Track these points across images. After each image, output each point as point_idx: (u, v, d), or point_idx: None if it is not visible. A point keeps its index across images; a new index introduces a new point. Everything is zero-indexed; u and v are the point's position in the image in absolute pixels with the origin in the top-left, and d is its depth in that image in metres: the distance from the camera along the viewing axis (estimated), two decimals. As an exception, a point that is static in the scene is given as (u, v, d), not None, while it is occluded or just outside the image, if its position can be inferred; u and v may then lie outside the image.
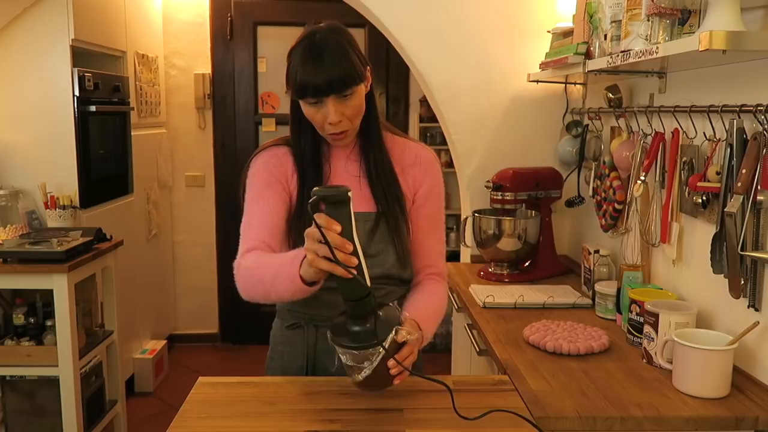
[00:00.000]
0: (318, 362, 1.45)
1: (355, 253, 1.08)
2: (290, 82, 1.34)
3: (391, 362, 1.15)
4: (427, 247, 1.48)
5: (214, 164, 4.15)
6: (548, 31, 2.47)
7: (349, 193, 1.08)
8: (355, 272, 1.07)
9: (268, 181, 1.42)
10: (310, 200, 1.08)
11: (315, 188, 1.09)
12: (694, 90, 1.73)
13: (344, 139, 1.39)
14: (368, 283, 1.12)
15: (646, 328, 1.56)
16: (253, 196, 1.45)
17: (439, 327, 1.41)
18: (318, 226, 1.05)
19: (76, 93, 2.86)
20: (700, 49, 1.26)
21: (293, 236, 1.40)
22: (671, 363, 1.45)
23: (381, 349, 1.13)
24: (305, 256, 1.10)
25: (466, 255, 2.73)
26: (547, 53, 2.41)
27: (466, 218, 2.49)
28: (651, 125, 1.91)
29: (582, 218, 2.59)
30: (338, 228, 1.06)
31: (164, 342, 3.79)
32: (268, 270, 1.25)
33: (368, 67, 1.36)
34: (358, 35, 4.00)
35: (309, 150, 1.42)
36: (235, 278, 1.34)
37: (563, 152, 2.56)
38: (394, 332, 1.15)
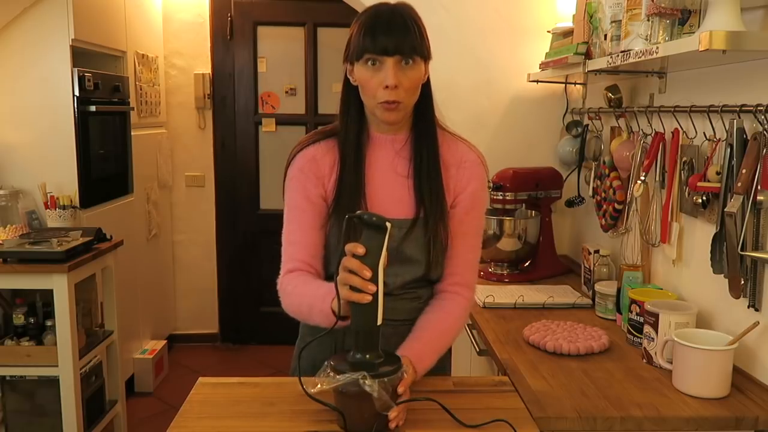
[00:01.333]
0: None
1: (374, 280, 1.08)
2: (352, 45, 1.29)
3: (392, 413, 1.12)
4: (459, 255, 1.40)
5: (214, 164, 4.15)
6: (548, 31, 2.47)
7: (388, 224, 1.09)
8: (369, 298, 1.08)
9: (305, 189, 1.37)
10: (348, 216, 1.10)
11: (358, 212, 1.12)
12: (694, 90, 1.73)
13: (395, 113, 1.30)
14: (380, 316, 1.11)
15: (646, 328, 1.56)
16: (291, 206, 1.39)
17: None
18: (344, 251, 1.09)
19: (76, 93, 2.86)
20: (700, 49, 1.26)
21: (329, 232, 1.38)
22: (671, 363, 1.45)
23: (372, 382, 1.09)
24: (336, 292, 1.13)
25: (466, 255, 2.73)
26: (547, 53, 2.41)
27: (466, 218, 2.49)
28: (651, 125, 1.91)
29: (582, 218, 2.59)
30: (361, 251, 1.08)
31: (164, 342, 3.79)
32: (304, 300, 1.30)
33: (429, 58, 1.33)
34: (358, 35, 4.00)
35: (354, 137, 1.36)
36: (281, 298, 1.38)
37: (563, 152, 2.56)
38: (387, 379, 1.11)
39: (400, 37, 1.25)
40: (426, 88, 1.36)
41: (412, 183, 1.36)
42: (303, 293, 1.31)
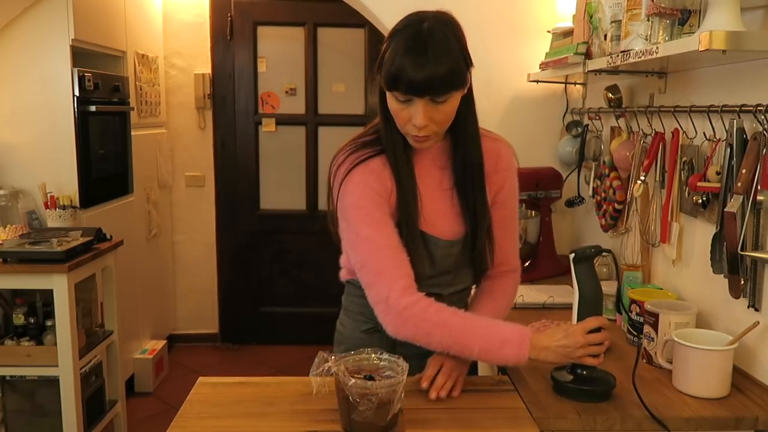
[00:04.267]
0: None
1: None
2: (383, 68, 1.20)
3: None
4: (503, 247, 1.43)
5: (214, 164, 4.15)
6: (548, 31, 2.47)
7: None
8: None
9: (379, 205, 1.28)
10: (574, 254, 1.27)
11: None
12: (694, 90, 1.73)
13: (426, 143, 1.27)
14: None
15: (646, 328, 1.56)
16: (370, 224, 1.27)
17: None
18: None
19: (76, 93, 2.86)
20: (700, 49, 1.26)
21: None
22: (671, 363, 1.45)
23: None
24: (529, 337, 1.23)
25: (466, 255, 2.73)
26: (547, 53, 2.41)
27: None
28: (651, 125, 1.91)
29: (582, 218, 2.59)
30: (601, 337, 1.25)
31: (164, 342, 3.79)
32: (479, 340, 1.23)
33: (470, 69, 1.25)
34: (358, 35, 4.00)
35: (403, 158, 1.29)
36: (401, 318, 1.23)
37: (563, 152, 2.56)
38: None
39: (434, 75, 1.15)
40: (467, 99, 1.29)
41: (455, 195, 1.34)
42: (473, 329, 1.23)
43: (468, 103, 1.30)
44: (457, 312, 1.26)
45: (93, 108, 2.96)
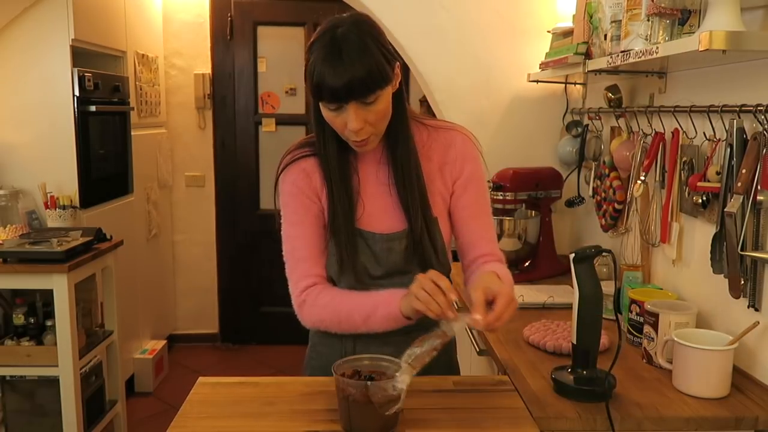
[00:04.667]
0: None
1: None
2: (307, 80, 1.21)
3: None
4: (476, 237, 1.38)
5: (214, 164, 4.15)
6: (548, 31, 2.47)
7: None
8: (451, 316, 1.13)
9: (303, 204, 1.36)
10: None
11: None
12: (694, 90, 1.73)
13: (367, 146, 1.28)
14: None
15: (646, 328, 1.56)
16: (292, 222, 1.37)
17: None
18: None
19: (76, 93, 2.87)
20: (700, 49, 1.26)
21: (330, 247, 1.35)
22: (671, 363, 1.45)
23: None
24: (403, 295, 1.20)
25: (466, 255, 2.73)
26: (547, 53, 2.41)
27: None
28: (651, 125, 1.91)
29: (582, 218, 2.59)
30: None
31: (164, 342, 3.79)
32: (357, 309, 1.28)
33: (397, 63, 1.23)
34: (358, 35, 4.00)
35: (335, 160, 1.32)
36: (301, 312, 1.34)
37: (563, 152, 2.56)
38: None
39: (354, 78, 1.14)
40: (398, 95, 1.27)
41: (393, 190, 1.33)
42: (350, 301, 1.30)
43: (398, 98, 1.27)
44: (342, 291, 1.33)
45: (93, 108, 2.96)
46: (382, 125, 1.26)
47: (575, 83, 2.53)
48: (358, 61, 1.15)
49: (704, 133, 1.62)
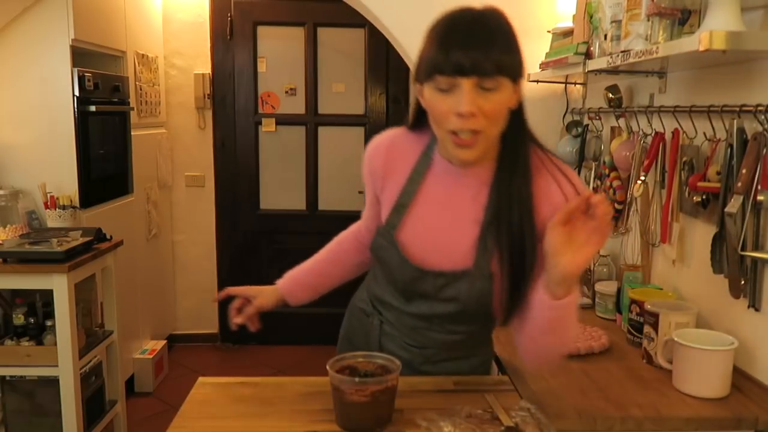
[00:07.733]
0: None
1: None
2: (421, 62, 1.07)
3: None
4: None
5: (213, 164, 4.15)
6: (548, 31, 2.47)
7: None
8: None
9: (366, 181, 1.34)
10: None
11: None
12: (694, 90, 1.73)
13: (472, 148, 1.08)
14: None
15: (646, 328, 1.56)
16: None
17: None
18: None
19: (76, 93, 2.86)
20: (700, 49, 1.26)
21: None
22: (671, 363, 1.45)
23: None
24: None
25: (466, 255, 2.73)
26: (547, 53, 2.41)
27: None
28: (651, 125, 1.91)
29: (582, 218, 2.59)
30: None
31: (164, 342, 3.79)
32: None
33: (524, 71, 1.11)
34: (358, 35, 4.00)
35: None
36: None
37: (563, 152, 2.56)
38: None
39: (481, 52, 1.01)
40: (518, 116, 1.13)
41: (479, 232, 1.14)
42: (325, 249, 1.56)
43: (518, 115, 1.12)
44: (336, 242, 1.55)
45: (93, 108, 2.96)
46: (494, 127, 1.09)
47: (575, 83, 2.53)
48: (491, 38, 1.03)
49: (704, 133, 1.62)
